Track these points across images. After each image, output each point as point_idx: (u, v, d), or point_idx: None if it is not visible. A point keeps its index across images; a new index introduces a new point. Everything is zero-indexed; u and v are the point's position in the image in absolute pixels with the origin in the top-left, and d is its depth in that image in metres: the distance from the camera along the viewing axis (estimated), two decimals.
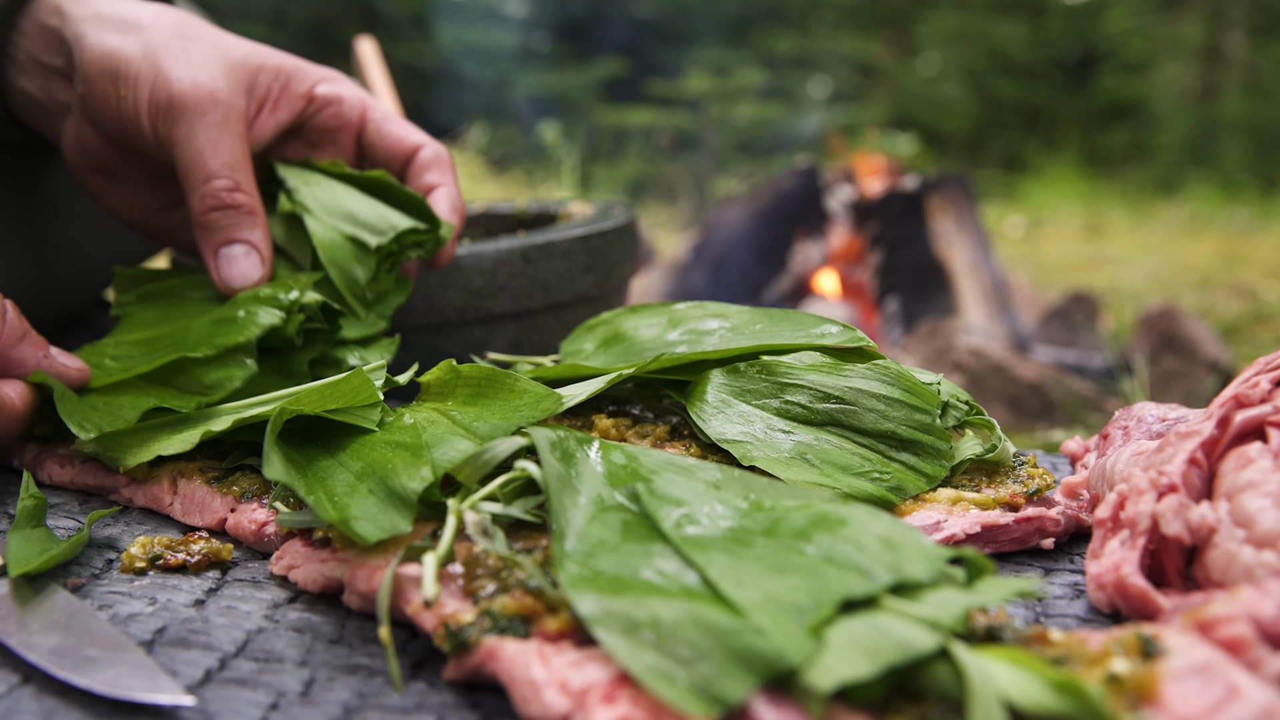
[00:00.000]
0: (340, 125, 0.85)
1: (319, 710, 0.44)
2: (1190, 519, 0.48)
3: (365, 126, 0.86)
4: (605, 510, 0.49)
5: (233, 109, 0.77)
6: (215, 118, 0.76)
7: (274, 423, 0.56)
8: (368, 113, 0.86)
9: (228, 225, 0.78)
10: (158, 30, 0.78)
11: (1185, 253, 5.04)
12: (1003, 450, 0.61)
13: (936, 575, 0.43)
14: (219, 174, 0.77)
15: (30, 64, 0.82)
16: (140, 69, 0.77)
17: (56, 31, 0.80)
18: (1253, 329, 3.40)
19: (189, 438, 0.64)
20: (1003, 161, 8.50)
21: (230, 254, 0.78)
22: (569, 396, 0.63)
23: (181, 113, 0.76)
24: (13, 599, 0.52)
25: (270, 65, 0.81)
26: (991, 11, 8.97)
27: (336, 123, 0.85)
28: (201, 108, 0.76)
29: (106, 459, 0.65)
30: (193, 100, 0.76)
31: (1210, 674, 0.38)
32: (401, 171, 0.86)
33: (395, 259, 0.81)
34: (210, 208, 0.77)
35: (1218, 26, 8.93)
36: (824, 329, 0.68)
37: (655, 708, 0.38)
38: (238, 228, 0.78)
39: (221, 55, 0.79)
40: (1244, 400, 0.53)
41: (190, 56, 0.78)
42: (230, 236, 0.78)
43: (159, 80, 0.76)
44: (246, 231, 0.78)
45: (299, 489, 0.52)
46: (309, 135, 0.86)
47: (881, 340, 3.00)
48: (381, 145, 0.86)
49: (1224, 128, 8.44)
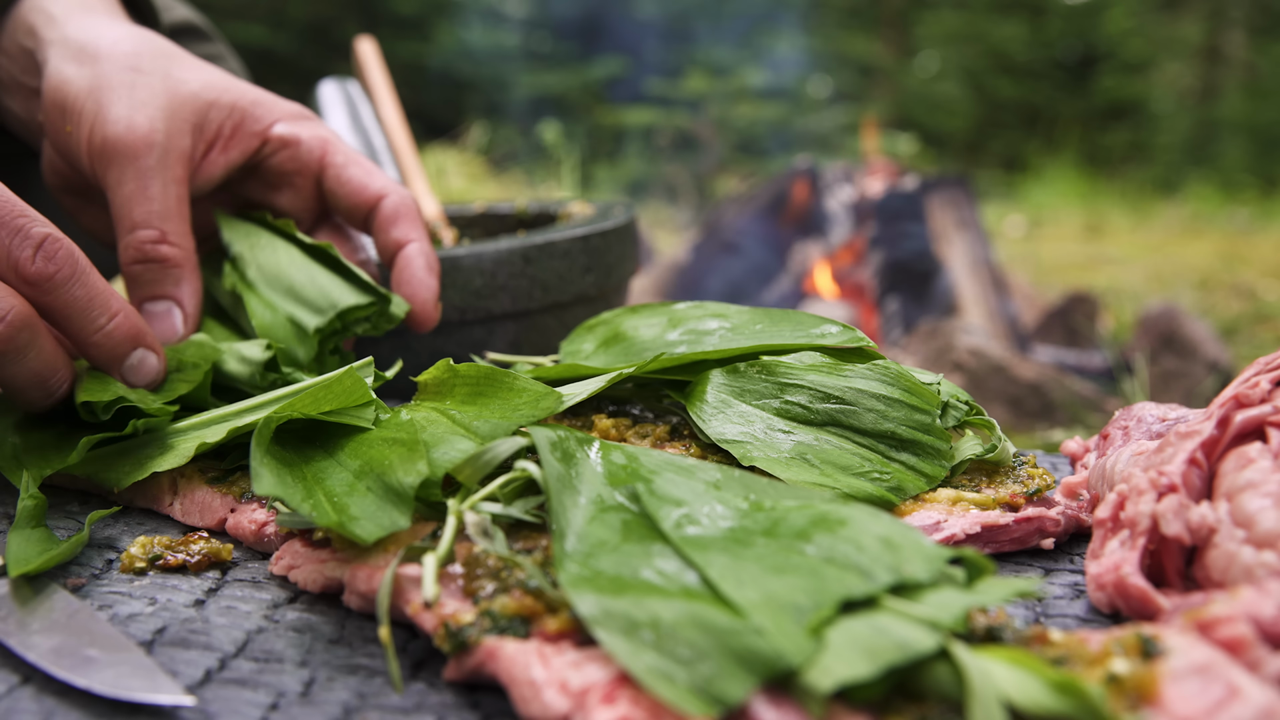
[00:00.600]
0: (297, 169, 0.81)
1: (319, 710, 0.44)
2: (1190, 519, 0.48)
3: (325, 172, 0.81)
4: (605, 510, 0.49)
5: (170, 151, 0.74)
6: (148, 162, 0.73)
7: (260, 434, 0.55)
8: (327, 157, 0.81)
9: (150, 280, 0.74)
10: (110, 63, 0.76)
11: (1185, 253, 5.04)
12: (1003, 450, 0.61)
13: (936, 575, 0.43)
14: (144, 224, 0.73)
15: (13, 84, 0.82)
16: (85, 106, 0.75)
17: (31, 54, 0.79)
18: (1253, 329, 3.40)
19: (184, 451, 0.63)
20: (1003, 161, 8.50)
21: (152, 310, 0.75)
22: (569, 396, 0.63)
23: (114, 156, 0.73)
24: (13, 599, 0.52)
25: (224, 102, 0.78)
26: (991, 11, 8.97)
27: (293, 166, 0.81)
28: (134, 151, 0.73)
29: (99, 480, 0.65)
30: (126, 144, 0.73)
31: (1210, 674, 0.38)
32: (365, 221, 0.81)
33: (340, 336, 0.78)
34: (133, 259, 0.74)
35: (1218, 26, 8.93)
36: (824, 329, 0.68)
37: (655, 708, 0.38)
38: (160, 282, 0.74)
39: (169, 92, 0.76)
40: (1244, 400, 0.53)
41: (134, 95, 0.75)
42: (153, 292, 0.75)
43: (98, 120, 0.74)
44: (170, 286, 0.75)
45: (293, 499, 0.52)
46: (266, 176, 0.82)
47: (881, 340, 3.00)
48: (343, 193, 0.80)
49: (1224, 128, 8.44)
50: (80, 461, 0.64)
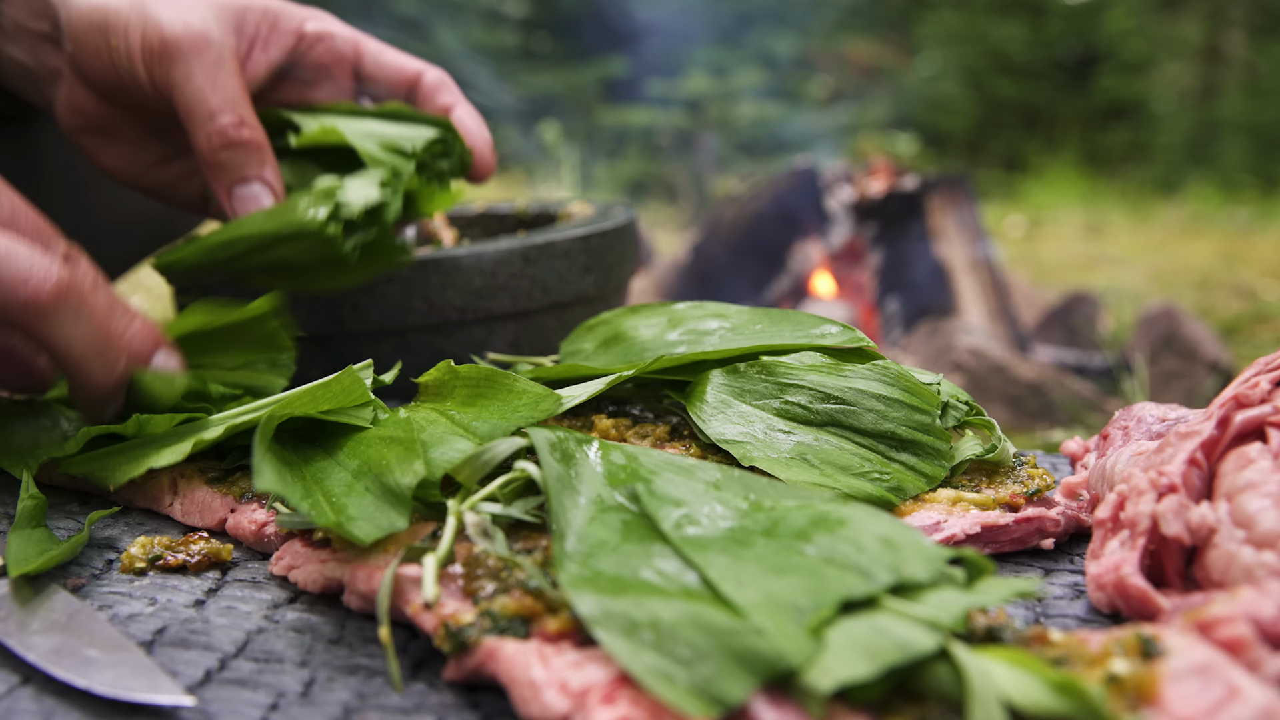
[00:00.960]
0: (334, 60, 0.85)
1: (319, 710, 0.44)
2: (1190, 519, 0.48)
3: (362, 60, 0.85)
4: (605, 510, 0.49)
5: (225, 47, 0.77)
6: (210, 56, 0.76)
7: (262, 431, 0.55)
8: (361, 45, 0.85)
9: (237, 164, 0.77)
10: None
11: (1185, 253, 5.04)
12: (1003, 450, 0.61)
13: (936, 575, 0.43)
14: (223, 110, 0.76)
15: (17, 31, 0.82)
16: (129, 17, 0.77)
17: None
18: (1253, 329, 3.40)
19: (181, 449, 0.63)
20: (1003, 161, 8.49)
21: (245, 193, 0.78)
22: (569, 397, 0.63)
23: (177, 54, 0.75)
24: (13, 599, 0.52)
25: (256, 5, 0.81)
26: (991, 11, 8.97)
27: (330, 58, 0.84)
28: (196, 47, 0.76)
29: (95, 479, 0.64)
30: (186, 40, 0.75)
31: (1210, 674, 0.38)
32: (409, 97, 0.87)
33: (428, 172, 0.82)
34: (218, 146, 0.76)
35: (1218, 26, 8.93)
36: (824, 329, 0.68)
37: (655, 708, 0.38)
38: (248, 164, 0.77)
39: None
40: (1244, 400, 0.53)
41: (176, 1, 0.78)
42: (243, 174, 0.77)
43: (149, 25, 0.76)
44: (258, 168, 0.78)
45: (292, 497, 0.52)
46: (303, 74, 0.85)
47: (881, 340, 3.00)
48: (382, 76, 0.86)
49: (1224, 128, 8.44)
50: (77, 459, 0.64)
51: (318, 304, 0.88)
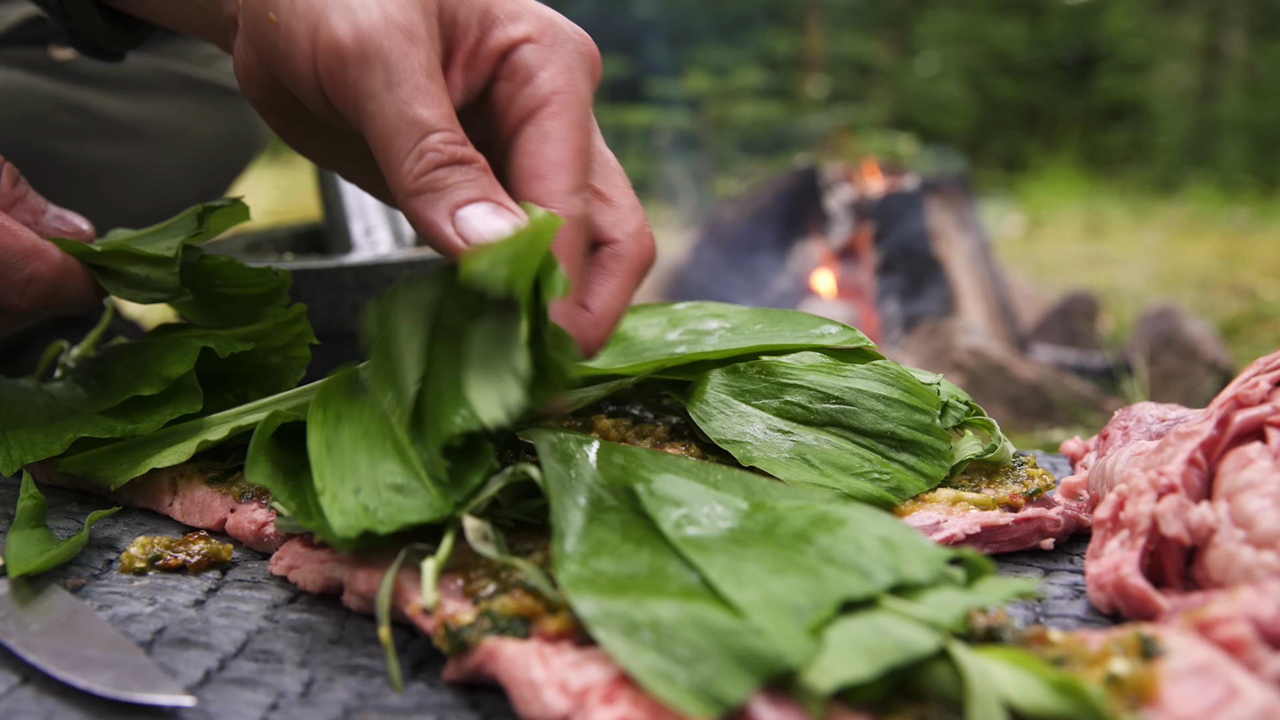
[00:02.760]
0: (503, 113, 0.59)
1: (319, 710, 0.44)
2: (1190, 519, 0.48)
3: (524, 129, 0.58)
4: (605, 511, 0.49)
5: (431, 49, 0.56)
6: (418, 58, 0.55)
7: (262, 429, 0.55)
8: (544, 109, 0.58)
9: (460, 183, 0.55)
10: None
11: (1185, 253, 5.03)
12: (1002, 450, 0.61)
13: (936, 576, 0.43)
14: (438, 126, 0.55)
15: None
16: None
17: None
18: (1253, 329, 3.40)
19: (185, 449, 0.63)
20: (1003, 161, 8.49)
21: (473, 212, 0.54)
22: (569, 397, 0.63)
23: (373, 54, 0.54)
24: (13, 599, 0.52)
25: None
26: (991, 11, 8.97)
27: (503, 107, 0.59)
28: (398, 47, 0.55)
29: (95, 479, 0.64)
30: (385, 38, 0.55)
31: (1210, 674, 0.38)
32: None
33: None
34: (435, 165, 0.55)
35: (1217, 26, 8.93)
36: (824, 329, 0.68)
37: (655, 708, 0.38)
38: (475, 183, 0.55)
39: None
40: (1244, 400, 0.53)
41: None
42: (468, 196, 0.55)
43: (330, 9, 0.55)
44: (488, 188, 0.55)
45: (280, 494, 0.52)
46: None
47: (881, 340, 2.99)
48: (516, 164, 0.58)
49: (1224, 128, 8.44)
50: (76, 459, 0.64)
51: (318, 304, 0.88)
